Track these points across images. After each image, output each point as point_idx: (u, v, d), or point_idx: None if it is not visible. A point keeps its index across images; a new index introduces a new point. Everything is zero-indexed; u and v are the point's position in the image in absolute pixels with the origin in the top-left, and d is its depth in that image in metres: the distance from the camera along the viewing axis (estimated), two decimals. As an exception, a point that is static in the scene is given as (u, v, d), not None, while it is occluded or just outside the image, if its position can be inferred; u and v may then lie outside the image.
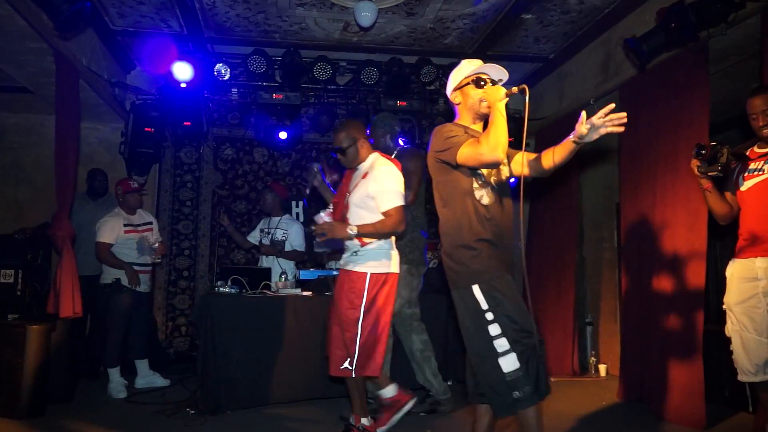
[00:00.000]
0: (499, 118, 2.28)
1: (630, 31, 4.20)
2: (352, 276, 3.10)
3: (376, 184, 3.05)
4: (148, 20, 4.64)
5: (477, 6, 4.39)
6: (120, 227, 4.57)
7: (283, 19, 4.64)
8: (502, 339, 2.18)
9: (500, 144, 2.22)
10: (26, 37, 3.77)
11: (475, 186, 2.35)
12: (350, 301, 3.06)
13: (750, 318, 2.82)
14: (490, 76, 2.47)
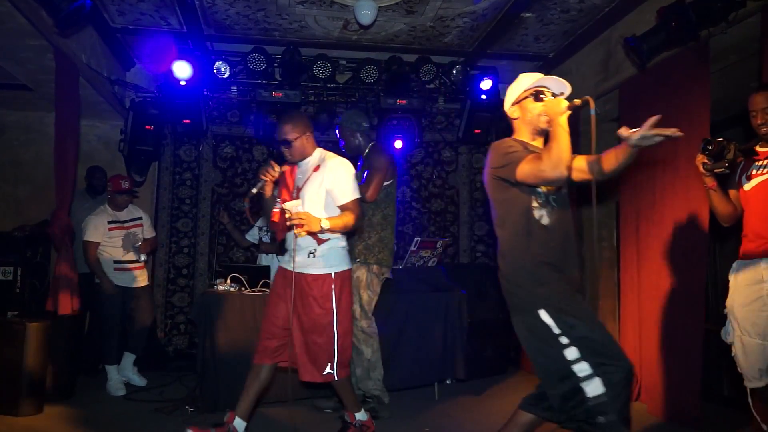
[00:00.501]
0: (561, 133, 2.17)
1: (630, 29, 4.20)
2: (318, 280, 2.94)
3: (332, 176, 2.91)
4: (148, 18, 4.64)
5: (477, 4, 4.38)
6: (104, 224, 4.52)
7: (283, 17, 4.64)
8: (582, 363, 2.11)
9: (563, 160, 2.13)
10: (26, 34, 3.76)
11: (534, 205, 2.29)
12: (321, 306, 2.92)
13: (753, 322, 2.75)
14: (550, 90, 2.39)
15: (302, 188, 2.95)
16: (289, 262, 2.98)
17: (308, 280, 2.94)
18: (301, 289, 2.95)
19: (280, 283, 3.04)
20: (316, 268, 2.95)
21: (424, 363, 4.11)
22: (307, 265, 2.96)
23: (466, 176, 6.47)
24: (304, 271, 2.96)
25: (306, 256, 2.95)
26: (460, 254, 6.33)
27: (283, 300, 2.99)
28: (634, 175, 4.38)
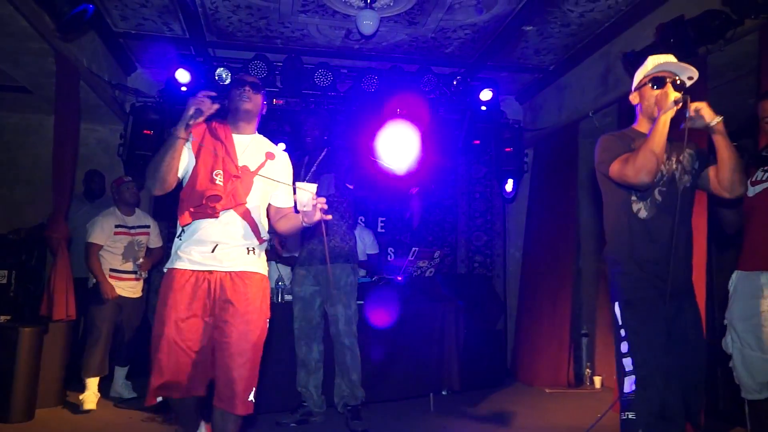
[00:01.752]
0: (654, 135, 2.13)
1: (630, 44, 4.24)
2: (256, 279, 2.41)
3: (286, 173, 2.56)
4: (150, 23, 4.65)
5: (479, 16, 4.41)
6: (111, 227, 4.29)
7: (285, 25, 4.66)
8: (628, 358, 2.20)
9: (645, 167, 2.10)
10: (27, 37, 3.77)
11: (633, 198, 2.28)
12: (259, 311, 2.37)
13: (755, 336, 2.68)
14: (677, 75, 2.25)
15: (255, 169, 2.45)
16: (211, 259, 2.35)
17: (244, 280, 2.37)
18: (233, 292, 2.34)
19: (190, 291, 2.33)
20: (255, 267, 2.44)
21: (419, 374, 4.10)
22: (247, 263, 2.40)
23: (465, 186, 6.47)
24: (240, 269, 2.38)
25: (244, 252, 2.40)
26: (458, 264, 6.32)
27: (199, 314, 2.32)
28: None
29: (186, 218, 2.37)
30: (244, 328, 2.32)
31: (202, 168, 2.37)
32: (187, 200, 2.38)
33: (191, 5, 4.23)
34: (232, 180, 2.38)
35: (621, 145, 2.28)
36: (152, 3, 4.30)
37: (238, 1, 4.24)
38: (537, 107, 5.98)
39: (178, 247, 2.41)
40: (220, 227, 2.37)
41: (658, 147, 2.12)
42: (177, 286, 2.34)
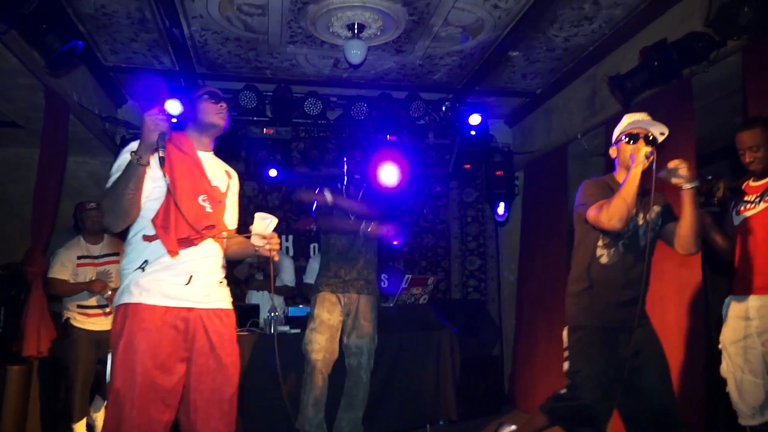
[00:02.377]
0: (627, 186, 2.33)
1: (614, 67, 4.29)
2: (230, 317, 2.21)
3: (237, 194, 2.42)
4: (140, 57, 4.69)
5: (464, 44, 4.46)
6: (73, 260, 4.06)
7: (274, 56, 4.70)
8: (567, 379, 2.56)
9: (617, 215, 2.31)
10: (17, 73, 3.78)
11: (599, 244, 2.53)
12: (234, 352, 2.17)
13: (745, 359, 2.72)
14: (650, 131, 2.46)
15: (225, 194, 2.28)
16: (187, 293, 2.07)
17: (222, 319, 2.15)
18: (214, 333, 2.10)
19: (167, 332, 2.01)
20: (225, 302, 2.20)
21: (415, 404, 4.04)
22: (219, 299, 2.17)
23: (457, 211, 6.49)
24: (218, 306, 2.15)
25: (217, 285, 2.18)
26: (452, 289, 6.30)
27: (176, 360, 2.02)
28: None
29: (175, 249, 2.04)
30: (225, 375, 2.08)
31: (183, 192, 2.08)
32: (171, 229, 2.04)
33: (181, 39, 4.27)
34: (218, 205, 2.17)
35: (601, 193, 2.48)
36: (142, 37, 4.34)
37: (227, 33, 4.29)
38: (526, 130, 6.03)
39: (140, 277, 2.03)
40: (197, 256, 2.10)
41: (629, 197, 2.32)
42: (148, 326, 1.97)
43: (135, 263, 2.06)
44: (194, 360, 2.04)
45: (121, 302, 2.04)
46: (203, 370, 2.04)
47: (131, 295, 2.02)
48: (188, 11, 3.95)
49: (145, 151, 1.98)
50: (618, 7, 3.92)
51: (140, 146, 1.98)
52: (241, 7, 3.92)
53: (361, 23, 4.06)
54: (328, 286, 3.59)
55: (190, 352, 2.05)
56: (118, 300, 2.06)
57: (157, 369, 1.96)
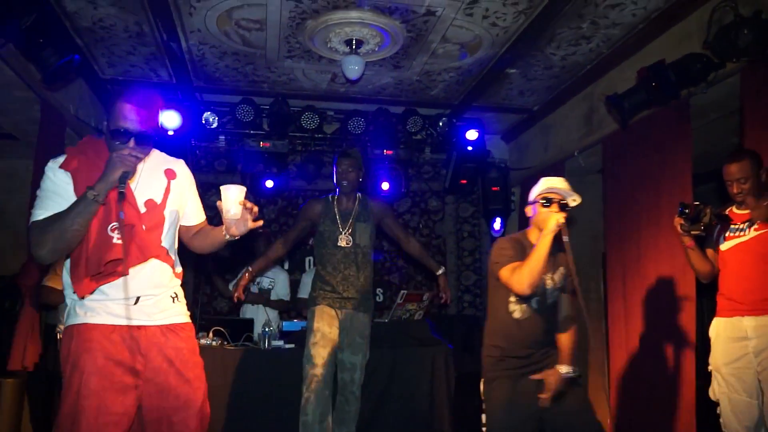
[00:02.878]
0: (537, 251, 2.45)
1: (612, 86, 4.31)
2: (186, 330, 2.09)
3: (192, 187, 2.23)
4: (138, 70, 4.68)
5: (462, 60, 4.47)
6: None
7: (271, 70, 4.70)
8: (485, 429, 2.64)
9: (526, 281, 2.45)
10: (13, 86, 3.78)
11: (510, 299, 2.65)
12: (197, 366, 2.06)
13: (739, 379, 2.76)
14: (564, 198, 2.59)
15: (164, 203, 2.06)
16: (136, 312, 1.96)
17: (178, 333, 2.04)
18: (170, 348, 1.99)
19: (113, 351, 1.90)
20: (181, 316, 2.10)
21: (409, 421, 3.99)
22: (174, 314, 2.07)
23: (453, 226, 6.48)
24: (172, 321, 2.05)
25: (170, 301, 2.07)
26: (447, 304, 6.26)
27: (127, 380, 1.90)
28: (618, 227, 4.41)
29: (86, 287, 1.90)
30: (189, 389, 1.97)
31: (94, 222, 1.88)
32: (83, 264, 1.88)
33: (178, 52, 4.27)
34: (130, 230, 1.92)
35: (513, 253, 2.61)
36: (140, 51, 4.33)
37: (225, 48, 4.28)
38: (523, 146, 6.03)
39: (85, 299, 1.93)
40: (137, 280, 1.96)
41: (539, 265, 2.45)
42: (94, 346, 1.86)
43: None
44: (152, 380, 1.93)
45: (68, 324, 1.95)
46: (163, 388, 1.93)
47: (77, 316, 1.93)
48: (186, 25, 3.95)
49: (105, 189, 1.83)
50: (616, 27, 3.94)
51: (99, 183, 1.83)
52: (239, 22, 3.92)
53: (359, 39, 4.07)
54: (326, 299, 3.53)
55: (145, 372, 1.93)
56: (66, 321, 1.97)
57: (107, 391, 1.84)
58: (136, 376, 1.91)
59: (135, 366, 1.91)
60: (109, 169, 1.83)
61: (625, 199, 4.34)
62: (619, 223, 4.40)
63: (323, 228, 3.60)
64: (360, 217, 3.62)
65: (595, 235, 5.57)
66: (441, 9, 3.72)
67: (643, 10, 3.74)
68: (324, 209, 3.63)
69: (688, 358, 3.60)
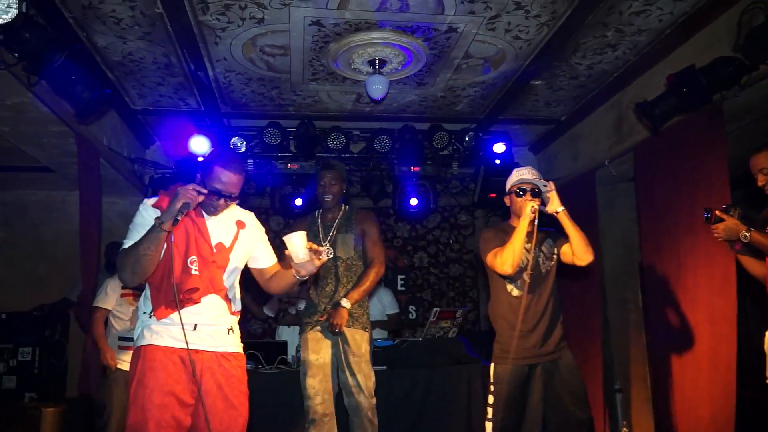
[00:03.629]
0: (516, 236, 2.78)
1: (641, 93, 4.23)
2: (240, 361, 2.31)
3: (261, 232, 2.47)
4: (167, 99, 4.78)
5: (486, 75, 4.45)
6: (117, 291, 4.12)
7: (296, 93, 4.75)
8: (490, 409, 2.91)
9: (507, 261, 2.77)
10: (48, 122, 3.89)
11: (506, 280, 2.93)
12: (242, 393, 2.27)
13: None
14: (536, 185, 2.92)
15: (230, 249, 2.31)
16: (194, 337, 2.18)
17: (230, 361, 2.25)
18: (221, 374, 2.20)
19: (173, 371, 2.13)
20: (234, 347, 2.31)
21: (447, 441, 3.94)
22: (227, 344, 2.28)
23: (484, 239, 6.41)
24: (225, 350, 2.26)
25: (225, 332, 2.28)
26: (481, 320, 6.20)
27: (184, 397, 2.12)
28: (655, 236, 4.31)
29: (165, 312, 2.16)
30: (232, 414, 2.17)
31: (176, 255, 2.16)
32: (163, 291, 2.16)
33: (206, 81, 4.35)
34: (209, 266, 2.21)
35: (496, 240, 2.93)
36: (168, 81, 4.43)
37: (250, 74, 4.35)
38: (551, 157, 5.96)
39: (152, 323, 2.19)
40: (198, 310, 2.20)
41: (518, 246, 2.77)
42: (157, 366, 2.11)
43: (148, 308, 2.23)
44: (203, 400, 2.13)
45: (136, 345, 2.21)
46: (211, 410, 2.13)
47: (144, 338, 2.18)
48: (212, 55, 4.02)
49: (168, 218, 2.07)
50: (642, 34, 3.88)
51: (165, 213, 2.09)
52: (263, 49, 3.98)
53: (382, 59, 4.08)
54: (309, 324, 3.36)
55: (199, 392, 2.13)
56: (135, 342, 2.22)
57: (166, 406, 2.05)
58: (191, 395, 2.13)
59: (190, 386, 2.13)
60: (173, 200, 2.08)
61: (661, 207, 4.23)
62: (656, 232, 4.29)
63: None
64: (342, 228, 3.43)
65: (629, 244, 5.45)
66: (462, 25, 3.72)
67: (670, 15, 3.67)
68: (309, 224, 3.48)
69: (730, 370, 3.47)
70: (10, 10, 2.62)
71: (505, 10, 3.56)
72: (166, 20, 3.52)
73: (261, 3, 3.40)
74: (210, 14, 3.50)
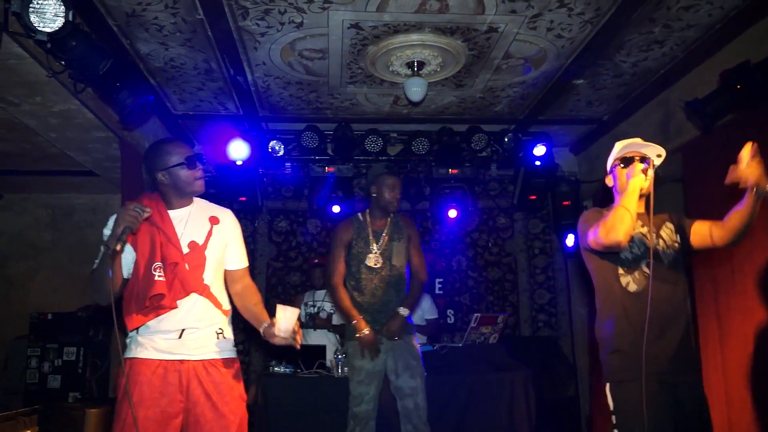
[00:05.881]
0: (625, 200, 2.24)
1: (690, 91, 4.07)
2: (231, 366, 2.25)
3: (236, 232, 2.41)
4: (207, 104, 4.84)
5: (527, 75, 4.36)
6: None
7: (334, 96, 4.75)
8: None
9: (616, 227, 2.18)
10: (93, 127, 3.98)
11: (620, 272, 2.34)
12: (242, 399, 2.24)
13: None
14: (645, 154, 2.40)
15: (204, 245, 2.26)
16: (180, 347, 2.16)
17: (219, 368, 2.20)
18: (209, 383, 2.15)
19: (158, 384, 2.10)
20: (226, 352, 2.25)
21: (489, 450, 3.86)
22: (216, 350, 2.22)
23: (523, 243, 6.30)
24: (213, 357, 2.20)
25: (214, 336, 2.23)
26: (521, 325, 6.08)
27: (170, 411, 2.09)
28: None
29: (136, 321, 2.12)
30: (222, 423, 2.11)
31: (141, 262, 2.14)
32: (133, 301, 2.13)
33: (245, 86, 4.39)
34: (174, 268, 2.15)
35: (600, 217, 2.34)
36: (208, 86, 4.48)
37: (288, 78, 4.36)
38: (593, 157, 5.81)
39: (137, 335, 2.17)
40: (182, 314, 2.16)
41: (630, 205, 2.20)
42: (142, 379, 2.08)
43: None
44: (190, 410, 2.11)
45: (123, 357, 2.16)
46: (200, 420, 2.10)
47: (130, 350, 2.17)
48: (252, 60, 4.05)
49: (112, 242, 2.03)
50: (691, 29, 3.73)
51: (110, 237, 2.05)
52: (302, 53, 3.98)
53: (420, 61, 4.04)
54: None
55: (186, 403, 2.11)
56: (122, 355, 2.18)
57: (149, 420, 2.03)
58: (179, 407, 2.10)
59: (177, 398, 2.10)
60: (116, 224, 2.07)
61: (711, 208, 4.03)
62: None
63: (356, 250, 3.40)
64: (393, 236, 3.43)
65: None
66: (503, 25, 3.64)
67: (720, 9, 3.52)
68: (357, 229, 3.44)
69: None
70: (57, 19, 2.67)
71: (548, 9, 3.47)
72: (206, 26, 3.56)
73: (300, 7, 3.40)
74: (250, 19, 3.52)
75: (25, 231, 6.09)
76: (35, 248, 6.04)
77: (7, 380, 5.31)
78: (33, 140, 4.45)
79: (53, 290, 5.82)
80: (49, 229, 6.10)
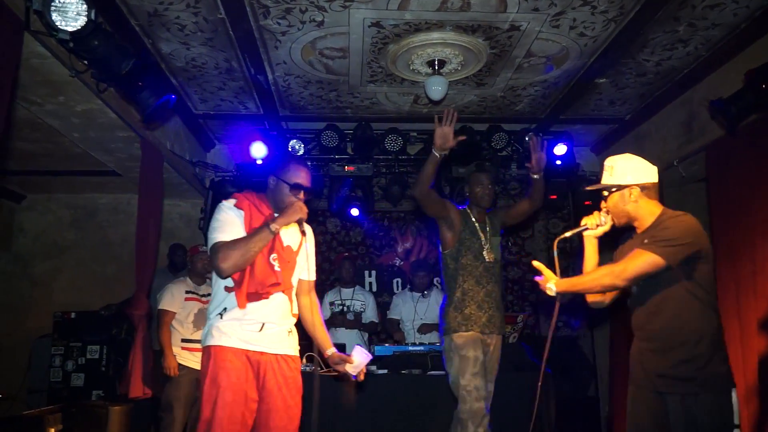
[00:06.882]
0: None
1: (714, 90, 4.01)
2: (297, 363, 2.44)
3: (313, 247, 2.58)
4: (228, 104, 4.87)
5: (548, 73, 4.33)
6: (182, 293, 4.17)
7: (354, 95, 4.75)
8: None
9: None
10: (116, 127, 4.02)
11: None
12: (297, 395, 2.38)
13: None
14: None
15: (297, 251, 2.49)
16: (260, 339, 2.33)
17: (289, 363, 2.39)
18: (282, 376, 2.34)
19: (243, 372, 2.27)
20: (293, 350, 2.44)
21: (510, 451, 3.83)
22: (288, 346, 2.41)
23: (543, 242, 6.26)
24: (285, 352, 2.39)
25: (286, 333, 2.42)
26: (541, 325, 6.04)
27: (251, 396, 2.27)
28: (728, 240, 4.07)
29: (243, 303, 2.30)
30: (289, 414, 2.31)
31: (263, 251, 2.33)
32: (245, 284, 2.30)
33: (265, 85, 4.40)
34: (286, 264, 2.40)
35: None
36: (229, 86, 4.50)
37: (309, 77, 4.37)
38: (615, 157, 5.74)
39: (220, 322, 2.32)
40: (268, 307, 2.35)
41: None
42: (229, 366, 2.26)
43: (217, 309, 2.36)
44: (264, 399, 2.28)
45: (206, 344, 2.33)
46: (272, 407, 2.28)
47: (213, 338, 2.31)
48: (272, 59, 4.06)
49: (280, 224, 2.29)
50: (716, 28, 3.68)
51: (279, 220, 2.29)
52: (322, 52, 3.99)
53: (441, 59, 4.03)
54: (477, 324, 3.23)
55: (261, 392, 2.29)
56: (204, 341, 2.35)
57: (236, 404, 2.21)
58: (257, 394, 2.28)
59: (255, 386, 2.28)
60: (290, 212, 2.31)
61: (735, 209, 4.00)
62: (729, 236, 4.05)
63: (464, 237, 3.37)
64: (493, 231, 3.49)
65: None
66: (525, 23, 3.62)
67: (746, 8, 3.47)
68: (463, 218, 3.44)
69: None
70: (80, 18, 2.68)
71: (571, 7, 3.44)
72: (228, 25, 3.58)
73: (321, 6, 3.40)
74: (271, 18, 3.53)
75: (48, 231, 6.17)
76: (58, 248, 6.13)
77: (31, 379, 5.39)
78: (56, 140, 4.50)
79: (76, 289, 5.91)
80: (72, 229, 6.18)
